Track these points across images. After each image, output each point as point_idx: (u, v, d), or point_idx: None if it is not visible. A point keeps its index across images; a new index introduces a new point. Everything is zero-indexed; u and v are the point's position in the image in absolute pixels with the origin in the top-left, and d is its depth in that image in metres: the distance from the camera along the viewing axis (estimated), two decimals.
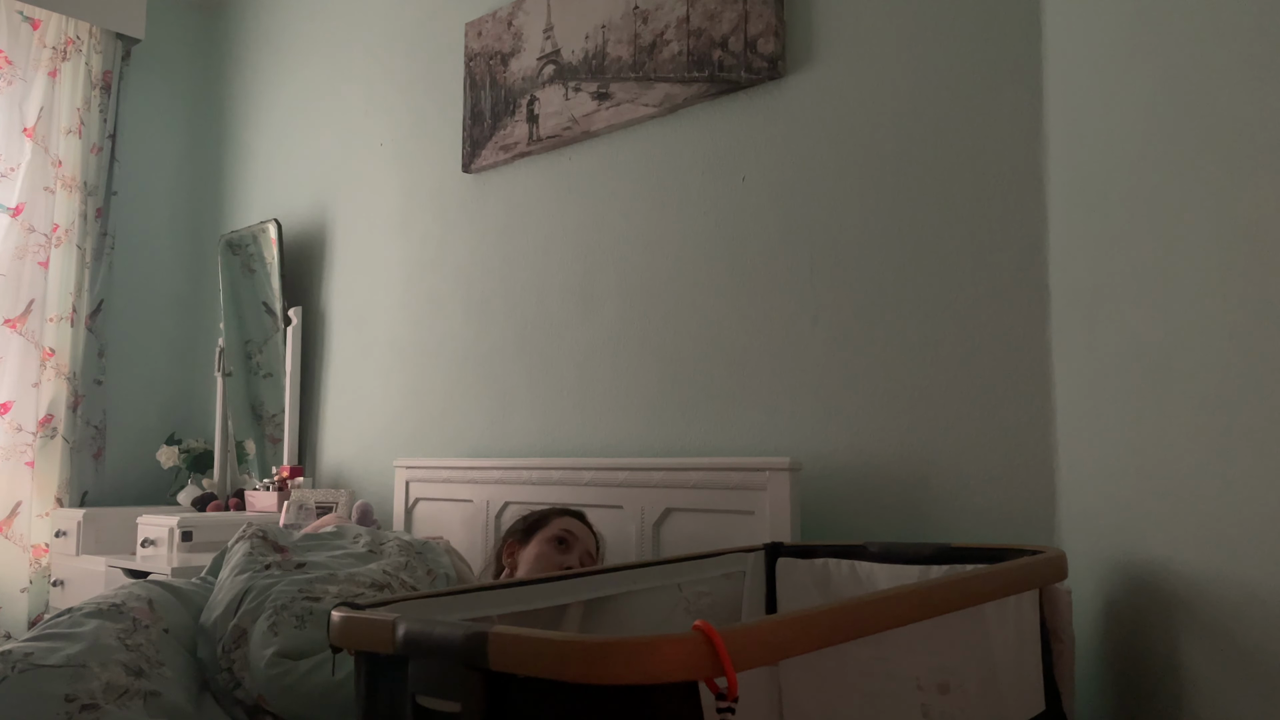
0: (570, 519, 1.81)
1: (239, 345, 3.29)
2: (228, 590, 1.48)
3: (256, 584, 1.47)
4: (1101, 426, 1.29)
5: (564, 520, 1.80)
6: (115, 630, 1.35)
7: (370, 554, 1.68)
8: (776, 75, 1.93)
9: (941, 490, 1.66)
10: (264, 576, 1.49)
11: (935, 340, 1.69)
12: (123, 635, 1.34)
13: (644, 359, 2.14)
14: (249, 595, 1.45)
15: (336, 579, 1.51)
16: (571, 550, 1.75)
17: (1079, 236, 1.39)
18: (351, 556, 1.64)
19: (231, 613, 1.43)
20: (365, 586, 1.52)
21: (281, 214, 3.28)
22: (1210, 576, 0.99)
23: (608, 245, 2.25)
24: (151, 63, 3.67)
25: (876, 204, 1.79)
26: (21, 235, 3.22)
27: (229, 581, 1.51)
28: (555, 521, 1.79)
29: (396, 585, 1.56)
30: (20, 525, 3.11)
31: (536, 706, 0.70)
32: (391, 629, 0.79)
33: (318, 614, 1.41)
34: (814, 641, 0.80)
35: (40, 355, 3.21)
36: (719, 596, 1.44)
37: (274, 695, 1.31)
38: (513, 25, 2.48)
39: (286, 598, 1.43)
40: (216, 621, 1.43)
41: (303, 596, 1.44)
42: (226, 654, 1.38)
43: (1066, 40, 1.45)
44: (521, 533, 1.80)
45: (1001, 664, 1.05)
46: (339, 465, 2.94)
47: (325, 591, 1.46)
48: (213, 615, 1.45)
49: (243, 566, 1.53)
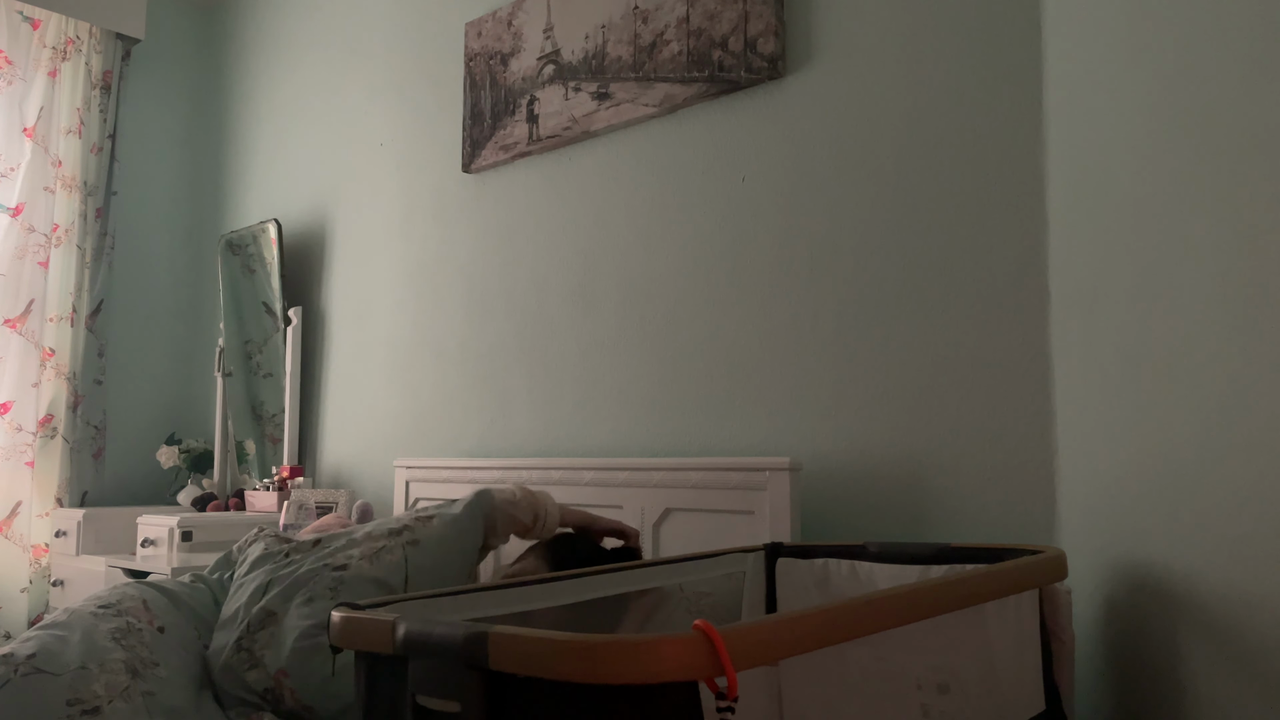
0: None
1: (239, 345, 3.29)
2: (250, 581, 1.48)
3: (280, 572, 1.47)
4: (1101, 426, 1.29)
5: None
6: (109, 630, 1.34)
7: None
8: (776, 75, 1.93)
9: (941, 490, 1.66)
10: (286, 564, 1.49)
11: (935, 340, 1.69)
12: (118, 635, 1.34)
13: (644, 359, 2.14)
14: (274, 582, 1.45)
15: (356, 541, 1.51)
16: None
17: (1079, 237, 1.39)
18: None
19: (258, 598, 1.43)
20: (383, 536, 1.51)
21: (281, 214, 3.28)
22: (1210, 576, 0.99)
23: (608, 245, 2.25)
24: (151, 63, 3.67)
25: (876, 204, 1.79)
26: (21, 235, 3.22)
27: (249, 575, 1.51)
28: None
29: (413, 522, 1.54)
30: (20, 525, 3.11)
31: (536, 706, 0.70)
32: (391, 629, 0.79)
33: (348, 581, 1.41)
34: (814, 641, 0.80)
35: (40, 355, 3.22)
36: (719, 596, 1.44)
37: (298, 666, 1.31)
38: (513, 25, 2.48)
39: (313, 573, 1.43)
40: (240, 609, 1.43)
41: (329, 568, 1.44)
42: (250, 634, 1.37)
43: (1066, 40, 1.45)
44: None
45: (1001, 664, 1.05)
46: (339, 465, 2.94)
47: (349, 557, 1.46)
48: (233, 605, 1.45)
49: (262, 560, 1.53)
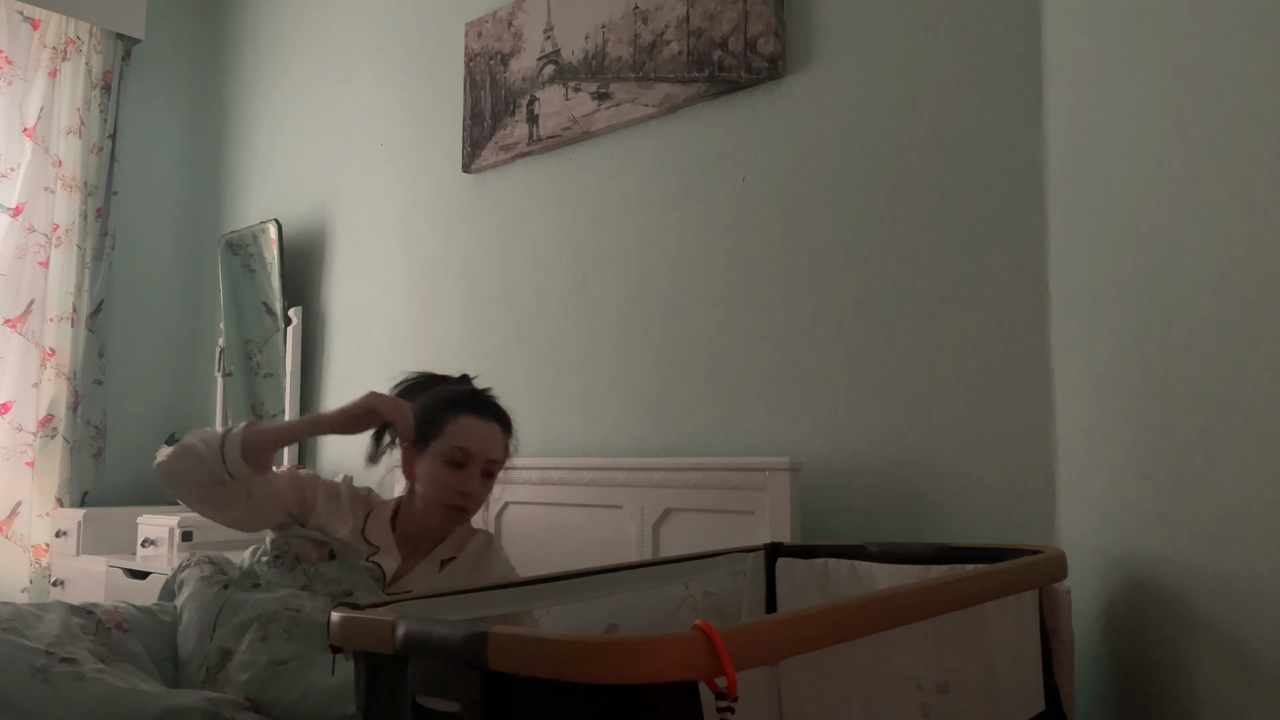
0: (468, 419, 1.55)
1: (239, 345, 3.29)
2: (196, 615, 1.41)
3: (228, 599, 1.40)
4: (1101, 426, 1.29)
5: (462, 423, 1.54)
6: (79, 624, 1.32)
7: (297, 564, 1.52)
8: (776, 75, 1.93)
9: (941, 490, 1.66)
10: (228, 594, 1.42)
11: (935, 340, 1.69)
12: (86, 630, 1.31)
13: (644, 359, 2.14)
14: (222, 613, 1.38)
15: (311, 590, 1.45)
16: (467, 468, 1.53)
17: (1079, 236, 1.39)
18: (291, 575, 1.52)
19: (208, 635, 1.37)
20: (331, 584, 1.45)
21: (281, 214, 3.28)
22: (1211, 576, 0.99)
23: (608, 245, 2.25)
24: (151, 62, 3.67)
25: (876, 204, 1.79)
26: (21, 235, 3.22)
27: (190, 607, 1.43)
28: (450, 428, 1.54)
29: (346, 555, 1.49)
30: (20, 525, 3.11)
31: (536, 706, 0.70)
32: (391, 629, 0.79)
33: (303, 623, 1.35)
34: (814, 641, 0.80)
35: (40, 355, 3.22)
36: (719, 597, 1.44)
37: (260, 693, 1.27)
38: (513, 25, 2.48)
39: (269, 610, 1.36)
40: (194, 650, 1.37)
41: (284, 608, 1.37)
42: (211, 675, 1.32)
43: (1066, 40, 1.45)
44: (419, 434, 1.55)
45: (1001, 664, 1.05)
46: (339, 465, 2.94)
47: (302, 604, 1.39)
48: (188, 645, 1.38)
49: (201, 590, 1.45)
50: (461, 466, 1.53)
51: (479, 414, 1.57)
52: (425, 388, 1.67)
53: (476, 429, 1.55)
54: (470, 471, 1.54)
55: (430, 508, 1.57)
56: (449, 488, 1.53)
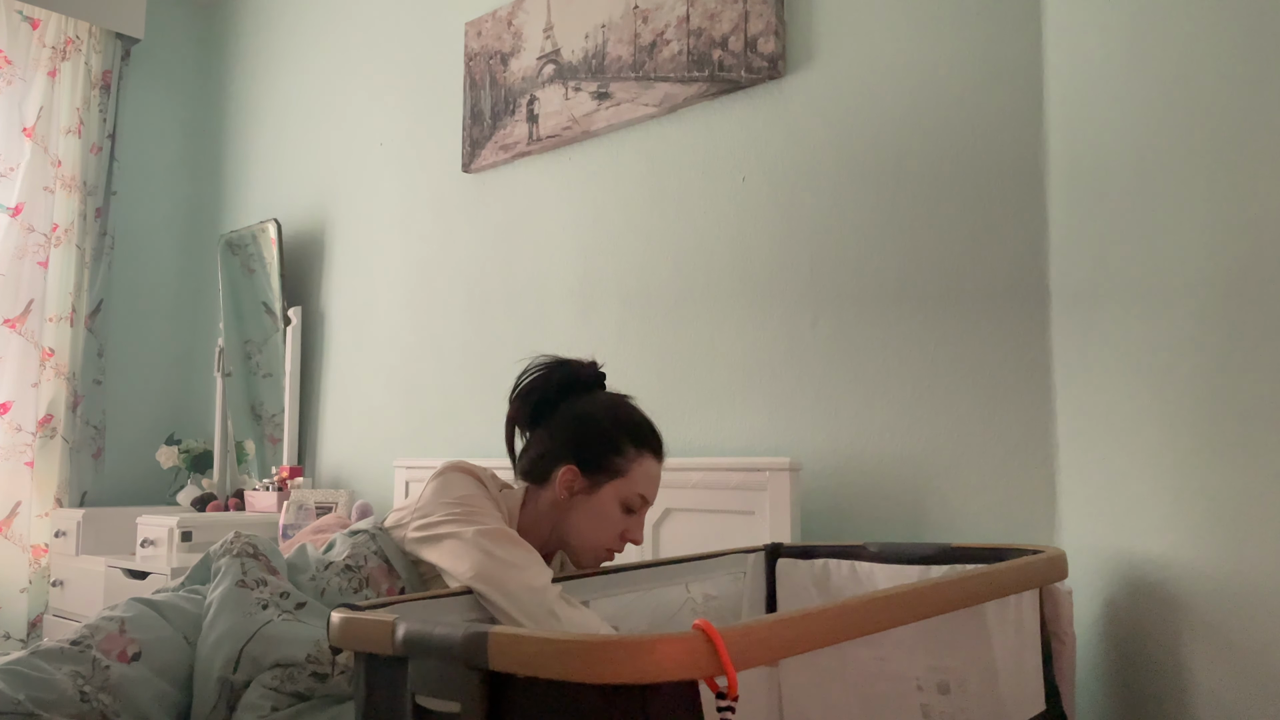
0: (653, 464, 1.41)
1: (239, 345, 3.29)
2: (226, 635, 1.23)
3: (258, 630, 1.23)
4: (1101, 426, 1.29)
5: (648, 467, 1.40)
6: (71, 673, 1.15)
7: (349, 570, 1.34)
8: (776, 75, 1.93)
9: (941, 490, 1.66)
10: (262, 618, 1.24)
11: (935, 340, 1.69)
12: (80, 680, 1.15)
13: (644, 359, 2.14)
14: (252, 642, 1.21)
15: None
16: (639, 514, 1.41)
17: (1079, 236, 1.39)
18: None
19: (231, 667, 1.21)
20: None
21: (281, 214, 3.27)
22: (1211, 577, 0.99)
23: (608, 245, 2.25)
24: (151, 62, 3.67)
25: (876, 204, 1.79)
26: (21, 235, 3.22)
27: (222, 619, 1.25)
28: (636, 470, 1.38)
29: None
30: (20, 525, 3.11)
31: (536, 706, 0.70)
32: (391, 629, 0.79)
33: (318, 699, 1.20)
34: (814, 641, 0.80)
35: (40, 355, 3.21)
36: (720, 600, 1.44)
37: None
38: (513, 25, 2.48)
39: (296, 656, 1.21)
40: (217, 680, 1.20)
41: (309, 669, 1.21)
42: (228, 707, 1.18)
43: (1066, 40, 1.45)
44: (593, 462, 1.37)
45: (1001, 664, 1.05)
46: (339, 465, 2.94)
47: (335, 662, 1.22)
48: (214, 667, 1.21)
49: (236, 599, 1.26)
50: (633, 513, 1.40)
51: (658, 457, 1.43)
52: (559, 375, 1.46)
53: (658, 476, 1.42)
54: (641, 517, 1.41)
55: (587, 548, 1.39)
56: (616, 533, 1.39)
